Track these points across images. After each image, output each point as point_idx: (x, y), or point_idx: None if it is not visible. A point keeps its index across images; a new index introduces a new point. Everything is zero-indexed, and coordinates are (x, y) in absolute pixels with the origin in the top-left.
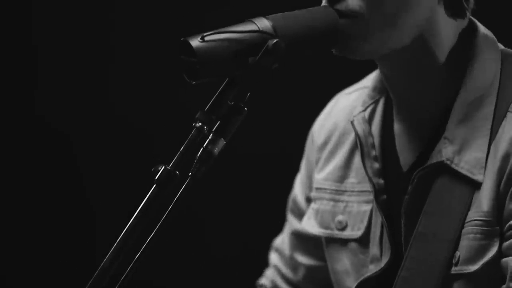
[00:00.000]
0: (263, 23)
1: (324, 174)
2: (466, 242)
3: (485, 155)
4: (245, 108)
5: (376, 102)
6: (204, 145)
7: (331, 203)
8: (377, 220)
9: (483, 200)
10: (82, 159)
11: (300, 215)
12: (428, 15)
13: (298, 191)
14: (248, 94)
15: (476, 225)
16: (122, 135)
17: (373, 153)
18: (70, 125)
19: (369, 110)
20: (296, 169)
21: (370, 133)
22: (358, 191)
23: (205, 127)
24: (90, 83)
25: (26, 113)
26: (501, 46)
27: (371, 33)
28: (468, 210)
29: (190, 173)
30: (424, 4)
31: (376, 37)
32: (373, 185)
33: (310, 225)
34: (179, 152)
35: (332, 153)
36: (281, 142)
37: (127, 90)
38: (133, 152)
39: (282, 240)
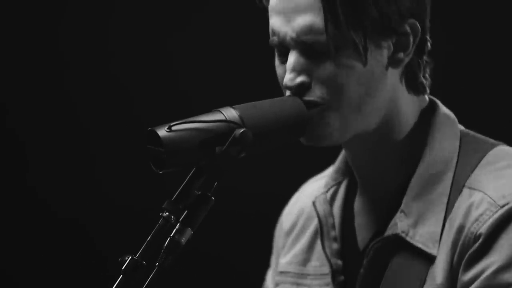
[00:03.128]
0: (230, 113)
1: (288, 258)
2: None
3: (440, 229)
4: (212, 198)
5: (338, 184)
6: (171, 235)
7: (294, 287)
8: None
9: (438, 273)
10: (76, 238)
11: None
12: (391, 94)
13: (270, 284)
14: (215, 183)
15: None
16: (107, 211)
17: (333, 233)
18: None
19: (331, 191)
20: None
21: (331, 213)
22: (320, 274)
23: (172, 217)
24: (79, 169)
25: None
26: (461, 127)
27: (337, 121)
28: (424, 284)
29: (157, 263)
30: (387, 85)
31: (343, 124)
32: (331, 265)
33: None
34: (146, 242)
35: (297, 237)
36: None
37: (112, 171)
38: (118, 229)
39: None
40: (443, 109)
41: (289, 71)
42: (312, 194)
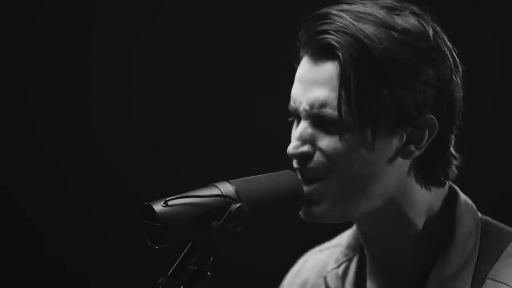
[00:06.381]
0: (226, 187)
1: None
2: None
3: None
4: (208, 273)
5: (349, 260)
6: None
7: None
8: None
9: None
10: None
11: None
12: (399, 182)
13: None
14: (211, 258)
15: None
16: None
17: None
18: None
19: (342, 267)
20: None
21: None
22: None
23: None
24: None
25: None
26: (479, 214)
27: (336, 197)
28: None
29: None
30: (393, 173)
31: (344, 204)
32: None
33: None
34: None
35: None
36: None
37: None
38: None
39: None
40: (463, 196)
41: (294, 139)
42: (316, 266)
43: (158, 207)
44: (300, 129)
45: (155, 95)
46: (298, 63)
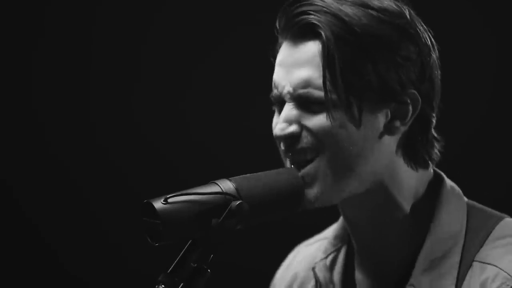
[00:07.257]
0: (226, 185)
1: None
2: None
3: None
4: (208, 270)
5: (337, 250)
6: None
7: None
8: None
9: None
10: None
11: None
12: (387, 161)
13: None
14: (211, 255)
15: None
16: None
17: None
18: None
19: (330, 257)
20: None
21: (331, 280)
22: None
23: None
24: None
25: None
26: (465, 199)
27: (329, 176)
28: None
29: None
30: (382, 151)
31: (335, 184)
32: None
33: None
34: None
35: None
36: None
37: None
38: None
39: None
40: (448, 181)
41: (280, 121)
42: (306, 259)
43: (158, 204)
44: (285, 111)
45: (156, 94)
46: (274, 58)
